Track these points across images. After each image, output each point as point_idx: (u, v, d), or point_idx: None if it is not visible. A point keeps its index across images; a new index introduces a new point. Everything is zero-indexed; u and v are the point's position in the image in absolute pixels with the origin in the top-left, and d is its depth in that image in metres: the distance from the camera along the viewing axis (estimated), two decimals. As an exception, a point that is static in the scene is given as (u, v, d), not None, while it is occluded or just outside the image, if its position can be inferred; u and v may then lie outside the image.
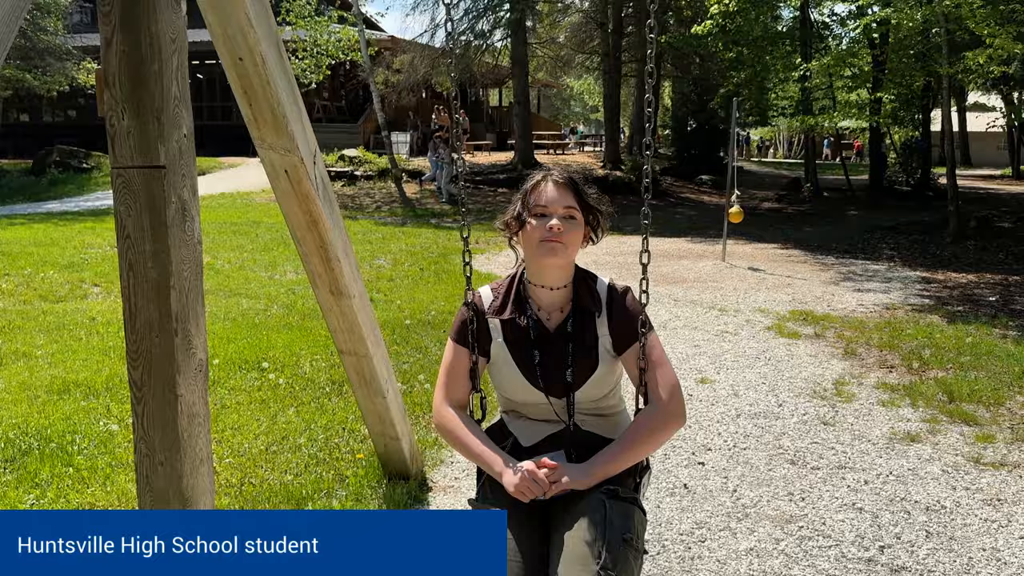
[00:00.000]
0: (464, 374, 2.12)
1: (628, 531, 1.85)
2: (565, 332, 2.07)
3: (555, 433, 2.08)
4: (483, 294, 2.16)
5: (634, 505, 1.96)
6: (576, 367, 2.04)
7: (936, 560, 3.13)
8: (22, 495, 3.53)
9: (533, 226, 2.01)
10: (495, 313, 2.09)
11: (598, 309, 2.08)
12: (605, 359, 2.06)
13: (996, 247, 12.30)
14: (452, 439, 2.10)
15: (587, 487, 1.93)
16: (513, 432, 2.14)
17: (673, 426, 2.06)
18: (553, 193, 2.04)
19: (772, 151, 48.95)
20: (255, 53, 2.30)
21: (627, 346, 2.07)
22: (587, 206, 2.08)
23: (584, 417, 2.09)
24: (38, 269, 9.19)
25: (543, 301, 2.10)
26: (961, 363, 5.83)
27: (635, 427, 2.04)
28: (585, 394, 2.06)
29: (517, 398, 2.11)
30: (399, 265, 10.40)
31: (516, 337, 2.08)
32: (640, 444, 2.02)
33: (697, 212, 19.02)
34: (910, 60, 16.23)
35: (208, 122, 25.66)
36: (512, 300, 2.09)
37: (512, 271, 2.17)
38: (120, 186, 1.78)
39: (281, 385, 5.16)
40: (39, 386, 5.05)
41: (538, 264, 2.05)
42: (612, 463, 1.98)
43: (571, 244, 2.02)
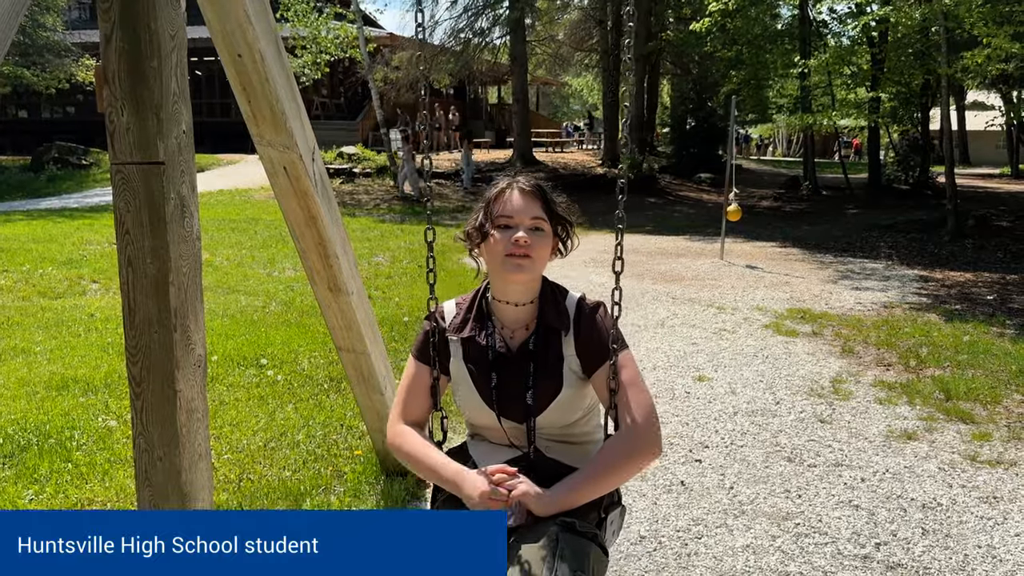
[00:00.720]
0: (423, 392, 1.98)
1: (581, 570, 1.64)
2: (527, 351, 1.90)
3: (515, 459, 1.89)
4: (446, 309, 2.01)
5: (592, 542, 1.75)
6: (537, 389, 1.87)
7: (932, 557, 3.14)
8: (21, 490, 3.54)
9: (497, 239, 1.84)
10: (455, 330, 1.95)
11: (565, 327, 1.90)
12: (571, 381, 1.88)
13: (994, 246, 12.32)
14: (406, 455, 1.95)
15: (543, 514, 1.75)
16: (472, 455, 1.99)
17: (646, 456, 1.84)
18: (519, 202, 1.86)
19: (771, 149, 48.94)
20: (254, 50, 2.31)
21: (597, 367, 1.88)
22: (556, 216, 1.91)
23: (549, 443, 1.91)
24: (37, 265, 9.19)
25: (506, 318, 1.93)
26: (958, 361, 5.84)
27: (603, 455, 1.83)
28: (548, 419, 1.88)
29: (476, 420, 1.97)
30: (397, 262, 10.40)
31: (475, 357, 1.92)
32: (607, 474, 1.81)
33: (695, 210, 19.03)
34: (909, 59, 16.24)
35: (207, 119, 25.64)
36: (474, 316, 1.94)
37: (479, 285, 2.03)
38: (119, 182, 1.79)
39: (279, 382, 5.17)
40: (38, 382, 5.06)
41: (503, 280, 1.89)
42: (572, 493, 1.78)
43: (539, 258, 1.86)
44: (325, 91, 27.72)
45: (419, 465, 1.93)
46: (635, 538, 3.28)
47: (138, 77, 1.74)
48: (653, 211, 18.48)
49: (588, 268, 10.12)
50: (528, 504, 1.75)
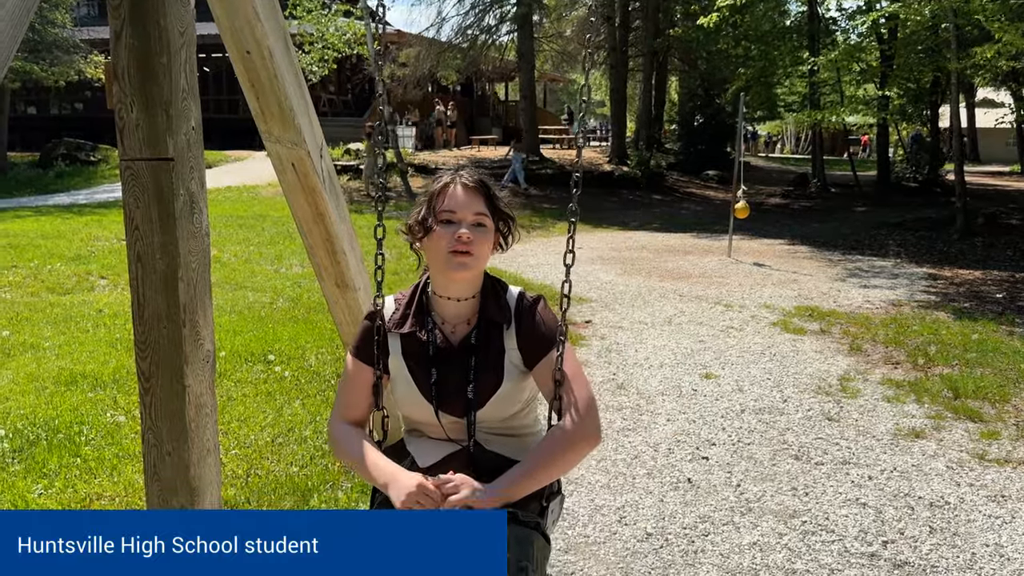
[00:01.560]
0: (361, 391, 1.97)
1: (525, 558, 1.70)
2: (469, 345, 1.90)
3: (454, 453, 1.91)
4: (386, 304, 2.00)
5: (535, 531, 1.80)
6: (479, 383, 1.87)
7: (939, 556, 3.13)
8: (30, 485, 3.56)
9: (439, 233, 1.85)
10: (395, 326, 1.93)
11: (506, 320, 1.91)
12: (512, 374, 1.89)
13: (1004, 244, 12.26)
14: (341, 454, 1.95)
15: (489, 506, 1.75)
16: (411, 452, 1.98)
17: (586, 445, 1.86)
18: (462, 197, 1.87)
19: (780, 146, 48.80)
20: (262, 46, 2.31)
21: (538, 359, 1.89)
22: (498, 212, 1.92)
23: (488, 436, 1.92)
24: (45, 261, 9.23)
25: (447, 313, 1.93)
26: (967, 360, 5.82)
27: (544, 446, 1.85)
28: (489, 412, 1.89)
29: (415, 417, 1.96)
30: (404, 259, 10.39)
31: (415, 352, 1.91)
32: (547, 464, 1.82)
33: (703, 208, 19.00)
34: (918, 56, 16.16)
35: (215, 115, 25.69)
36: (413, 312, 1.94)
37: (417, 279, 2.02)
38: (129, 178, 1.80)
39: (287, 378, 5.19)
40: (47, 377, 5.08)
41: (444, 276, 1.89)
42: (516, 485, 1.79)
43: (481, 255, 1.86)
44: (332, 88, 27.75)
45: (353, 464, 1.92)
46: (642, 535, 3.28)
47: (147, 73, 1.75)
48: (660, 208, 18.46)
49: (595, 265, 10.11)
50: (472, 504, 1.73)
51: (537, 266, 9.67)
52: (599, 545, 3.21)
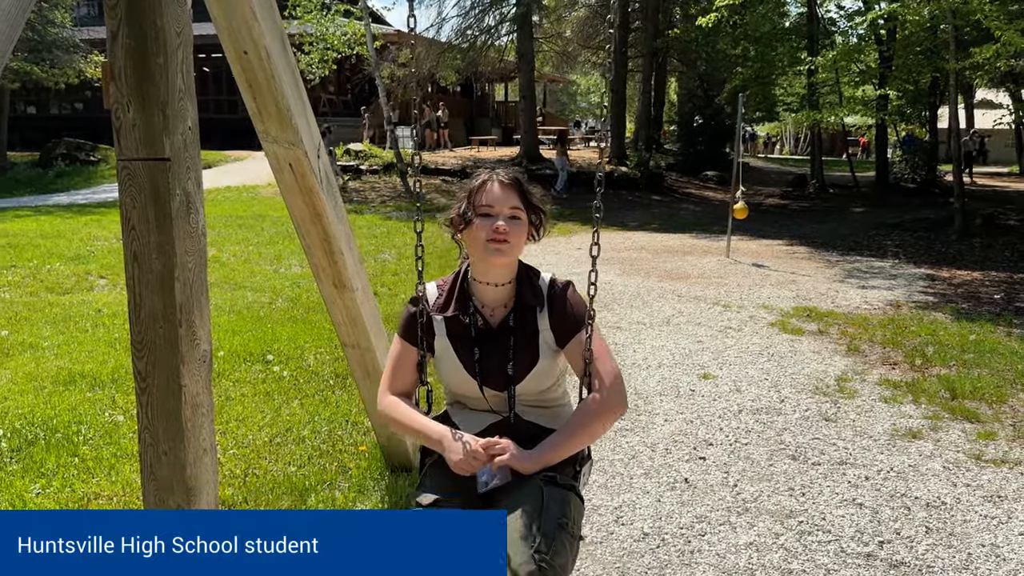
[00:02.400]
0: (409, 368, 2.17)
1: (564, 516, 1.89)
2: (507, 327, 2.11)
3: (496, 423, 2.12)
4: (428, 290, 2.20)
5: (571, 492, 2.00)
6: (516, 361, 2.09)
7: (935, 556, 3.14)
8: (28, 484, 3.56)
9: (478, 225, 2.05)
10: (439, 310, 2.14)
11: (540, 304, 2.12)
12: (546, 352, 2.10)
13: (1002, 245, 12.27)
14: (394, 420, 2.15)
15: (528, 472, 1.98)
16: (456, 422, 2.17)
17: (614, 413, 2.09)
18: (499, 193, 2.07)
19: (778, 147, 48.82)
20: (260, 46, 2.32)
21: (568, 339, 2.10)
22: (531, 206, 2.12)
23: (526, 408, 2.14)
24: (44, 261, 9.24)
25: (486, 298, 2.14)
26: (964, 360, 5.83)
27: (576, 416, 2.08)
28: (526, 387, 2.10)
29: (460, 391, 2.16)
30: (404, 259, 10.41)
31: (458, 333, 2.12)
32: (581, 432, 2.05)
33: (702, 208, 19.00)
34: (917, 57, 16.18)
35: (214, 116, 25.71)
36: (456, 297, 2.14)
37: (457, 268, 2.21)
38: (125, 178, 1.80)
39: (285, 378, 5.19)
40: (45, 377, 5.09)
41: (484, 263, 2.09)
42: (554, 450, 2.02)
43: (516, 244, 2.06)
44: (332, 88, 27.75)
45: (407, 428, 2.13)
46: (638, 535, 3.29)
47: (144, 73, 1.75)
48: (659, 208, 18.46)
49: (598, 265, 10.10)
50: (514, 466, 1.98)
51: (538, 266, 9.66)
52: (596, 545, 3.22)
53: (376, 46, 20.06)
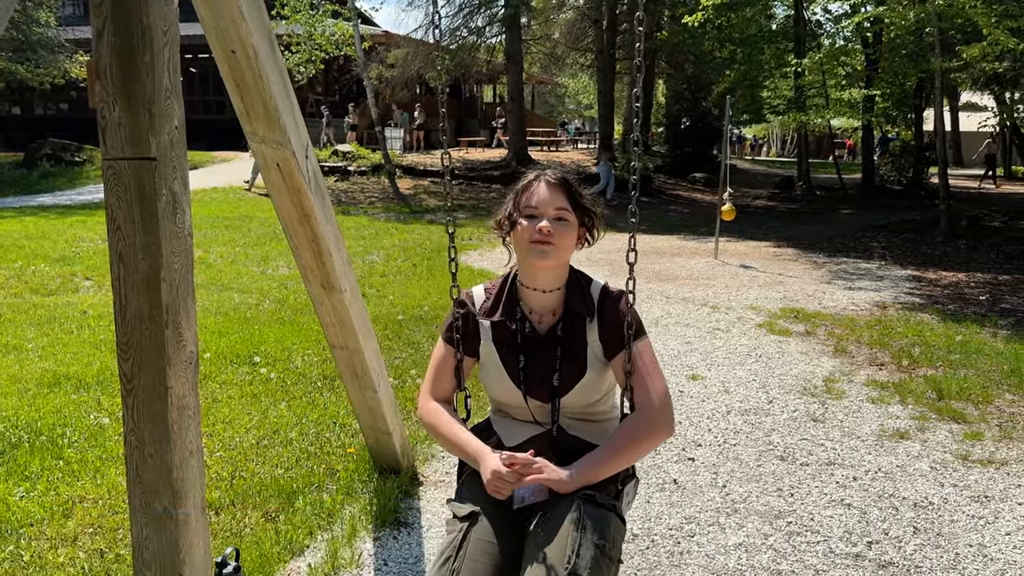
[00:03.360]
0: (451, 372, 2.11)
1: (602, 538, 1.79)
2: (555, 336, 2.03)
3: (538, 435, 2.04)
4: (475, 294, 2.13)
5: (612, 512, 1.90)
6: (563, 372, 2.00)
7: (923, 556, 3.15)
8: (12, 488, 3.52)
9: (523, 227, 1.97)
10: (486, 314, 2.07)
11: (590, 314, 2.03)
12: (594, 365, 2.02)
13: (987, 246, 12.36)
14: (434, 429, 2.09)
15: (567, 491, 1.88)
16: (497, 431, 2.11)
17: (660, 436, 2.00)
18: (545, 194, 1.99)
19: (765, 149, 49.03)
20: (247, 46, 2.30)
21: (617, 352, 2.01)
22: (580, 207, 2.03)
23: (570, 421, 2.05)
24: (29, 262, 9.16)
25: (535, 304, 2.06)
26: (951, 361, 5.86)
27: (620, 434, 1.98)
28: (572, 399, 2.02)
29: (503, 399, 2.09)
30: (392, 260, 10.39)
31: (505, 339, 2.05)
32: (624, 451, 1.96)
33: (690, 210, 19.06)
34: (903, 60, 16.28)
35: (202, 116, 25.59)
36: (503, 302, 2.06)
37: (507, 271, 2.14)
38: (111, 178, 1.78)
39: (272, 379, 5.16)
40: (29, 379, 5.04)
41: (529, 266, 2.01)
42: (594, 469, 1.92)
43: (562, 246, 1.98)
44: (320, 88, 27.66)
45: (446, 441, 2.05)
46: (628, 536, 3.28)
47: (130, 72, 1.73)
48: (648, 210, 18.49)
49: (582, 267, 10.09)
50: (551, 485, 1.88)
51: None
52: (585, 546, 3.21)
53: (364, 47, 20.01)
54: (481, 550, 1.83)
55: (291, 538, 3.15)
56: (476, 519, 1.90)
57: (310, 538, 3.20)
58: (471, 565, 1.79)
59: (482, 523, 1.89)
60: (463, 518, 1.92)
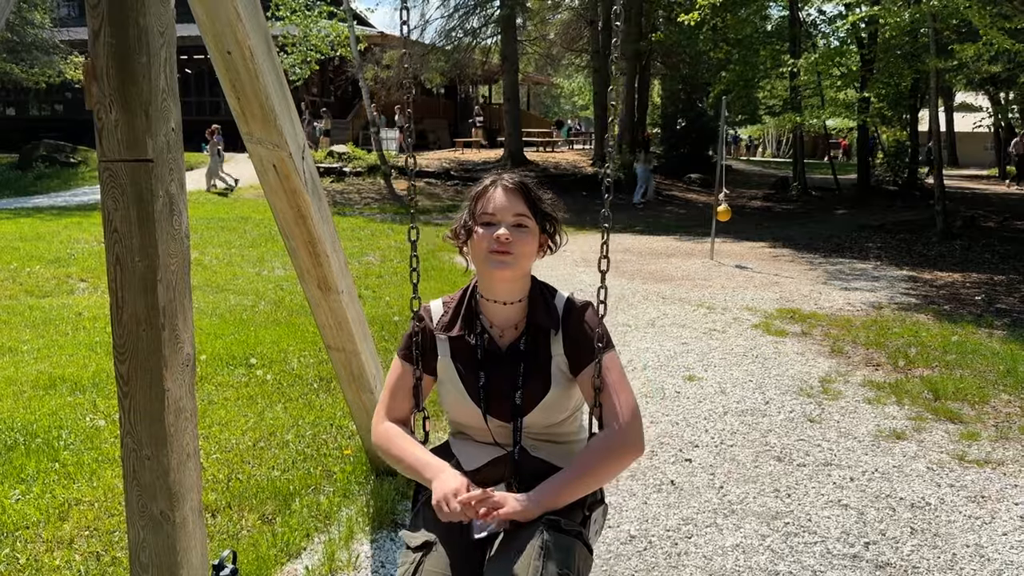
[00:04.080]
0: (408, 391, 1.98)
1: (566, 567, 1.66)
2: (517, 351, 1.89)
3: (499, 457, 1.90)
4: (433, 308, 2.01)
5: (578, 540, 1.76)
6: (526, 389, 1.86)
7: (920, 556, 3.15)
8: (7, 490, 3.51)
9: (480, 235, 1.85)
10: (443, 329, 1.94)
11: (554, 326, 1.90)
12: (559, 381, 1.87)
13: (982, 247, 12.39)
14: (388, 452, 1.94)
15: (530, 518, 1.74)
16: (456, 454, 1.97)
17: (629, 456, 1.85)
18: (502, 200, 1.86)
19: (761, 150, 49.11)
20: (244, 47, 2.29)
21: (583, 366, 1.87)
22: (540, 212, 1.90)
23: (534, 442, 1.91)
24: (24, 264, 9.13)
25: (496, 317, 1.93)
26: (947, 361, 5.87)
27: (587, 454, 1.83)
28: (535, 419, 1.87)
29: (461, 419, 1.95)
30: (388, 261, 10.38)
31: (464, 355, 1.91)
32: (591, 473, 1.81)
33: (685, 210, 19.07)
34: (898, 60, 16.33)
35: (196, 117, 25.51)
36: (462, 315, 1.93)
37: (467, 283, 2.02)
38: (108, 179, 1.77)
39: (269, 381, 5.15)
40: (25, 381, 5.02)
41: (488, 277, 1.88)
42: (559, 492, 1.78)
43: (522, 255, 1.85)
44: (315, 89, 27.63)
45: (401, 462, 1.91)
46: (625, 538, 3.28)
47: (127, 74, 1.72)
48: (643, 211, 18.51)
49: (579, 268, 10.13)
50: (513, 516, 1.74)
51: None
52: (583, 548, 3.21)
53: (360, 48, 20.00)
54: None
55: (288, 540, 3.14)
56: (430, 549, 1.78)
57: (307, 540, 3.19)
58: None
59: (436, 553, 1.77)
60: (416, 548, 1.79)
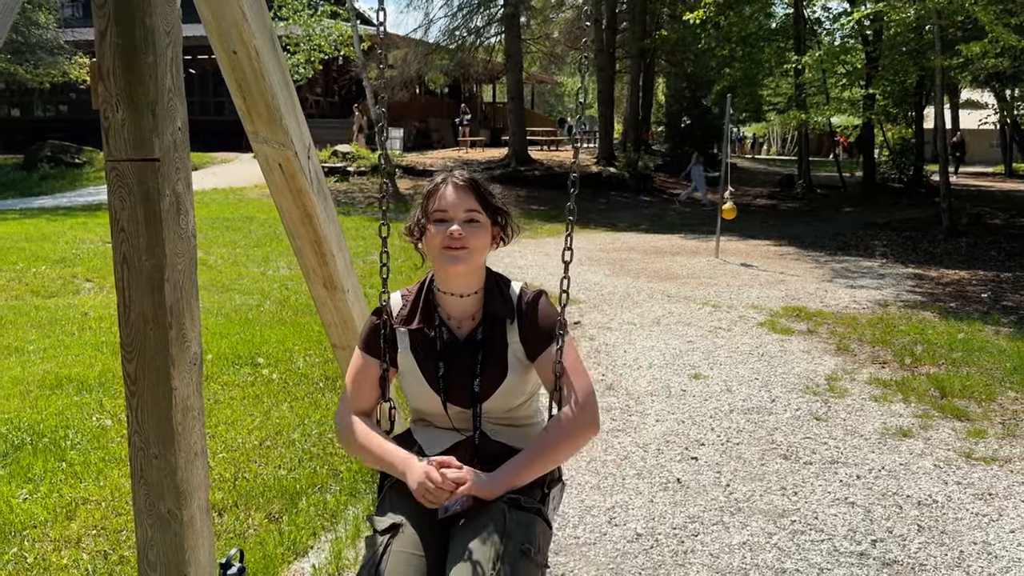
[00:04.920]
0: (370, 384, 2.04)
1: (527, 542, 1.76)
2: (475, 341, 1.97)
3: (460, 442, 1.98)
4: (392, 301, 2.07)
5: (538, 516, 1.87)
6: (484, 377, 1.95)
7: (928, 554, 3.14)
8: (15, 490, 3.52)
9: (433, 232, 1.93)
10: (402, 322, 2.01)
11: (510, 316, 1.98)
12: (516, 367, 1.96)
13: (988, 244, 12.35)
14: (351, 444, 2.01)
15: (492, 497, 1.83)
16: (418, 440, 2.04)
17: (585, 434, 1.94)
18: (453, 196, 1.93)
19: (765, 148, 49.02)
20: (249, 46, 2.29)
21: (539, 352, 1.95)
22: (491, 207, 1.97)
23: (493, 427, 2.00)
24: (30, 264, 9.15)
25: (453, 309, 2.01)
26: (953, 359, 5.85)
27: (545, 435, 1.93)
28: (494, 404, 1.96)
29: (422, 408, 2.03)
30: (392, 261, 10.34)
31: (423, 347, 1.99)
32: (549, 453, 1.90)
33: (690, 208, 19.04)
34: (903, 57, 16.28)
35: (201, 117, 25.54)
36: (420, 308, 2.00)
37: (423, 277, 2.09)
38: (114, 179, 1.77)
39: (275, 380, 5.16)
40: (31, 381, 5.04)
41: (443, 272, 1.97)
42: (519, 472, 1.88)
43: (476, 249, 1.92)
44: (319, 89, 27.66)
45: (366, 453, 1.99)
46: (631, 536, 3.28)
47: (133, 73, 1.72)
48: (648, 209, 18.49)
49: (584, 267, 10.11)
50: (476, 493, 1.83)
51: (526, 267, 9.65)
52: (589, 546, 3.21)
53: (363, 47, 20.00)
54: (403, 562, 1.78)
55: (295, 539, 3.15)
56: (397, 531, 1.84)
57: (314, 539, 3.20)
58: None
59: (404, 534, 1.83)
60: (383, 531, 1.84)
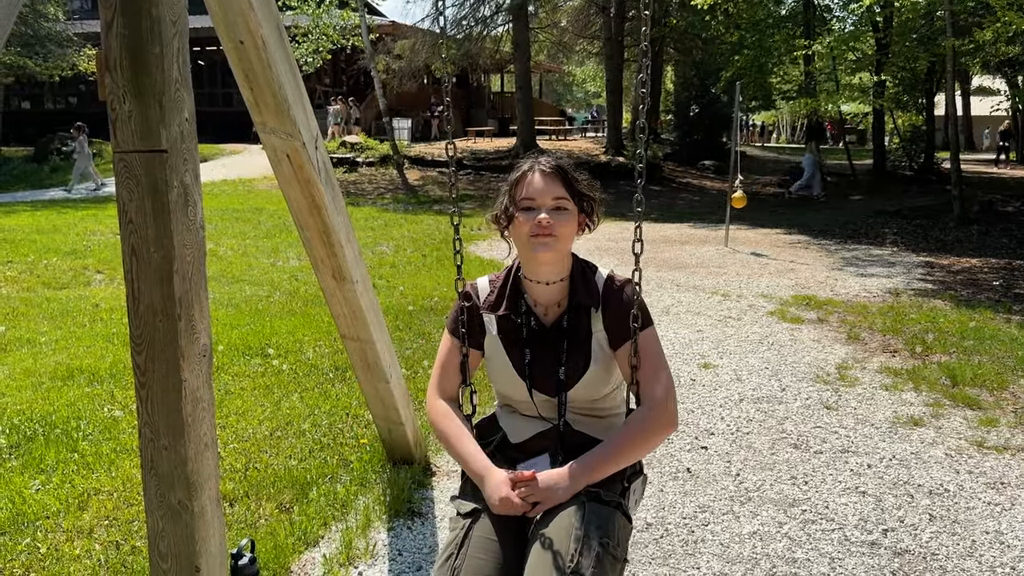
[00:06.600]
0: (457, 367, 2.07)
1: (607, 536, 1.74)
2: (560, 328, 1.98)
3: (544, 431, 2.00)
4: (479, 285, 2.09)
5: (617, 510, 1.85)
6: (569, 365, 1.95)
7: (939, 543, 3.13)
8: (28, 480, 3.55)
9: (521, 221, 1.91)
10: (490, 308, 2.02)
11: (595, 303, 1.97)
12: (599, 357, 1.96)
13: (1000, 231, 12.26)
14: (442, 435, 2.04)
15: (572, 492, 1.82)
16: (504, 427, 2.08)
17: (664, 431, 1.94)
18: (540, 184, 1.92)
19: (775, 136, 48.78)
20: (256, 36, 2.29)
21: (621, 342, 1.96)
22: (578, 193, 1.96)
23: (577, 416, 2.00)
24: (41, 256, 9.20)
25: (539, 296, 2.00)
26: (964, 347, 5.82)
27: (624, 430, 1.92)
28: (578, 393, 1.97)
29: (508, 393, 2.04)
30: (401, 251, 10.39)
31: (510, 333, 2.00)
32: (628, 448, 1.89)
33: (699, 197, 18.98)
34: (913, 44, 16.14)
35: (209, 108, 25.59)
36: (508, 295, 2.01)
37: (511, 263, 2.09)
38: (122, 171, 1.77)
39: (285, 371, 5.17)
40: (43, 372, 5.07)
41: (531, 260, 1.96)
42: (598, 466, 1.86)
43: (563, 236, 1.91)
44: (327, 79, 27.64)
45: (451, 450, 2.01)
46: (642, 525, 3.27)
47: (140, 64, 1.72)
48: (657, 198, 18.43)
49: (592, 256, 10.08)
50: (556, 500, 1.81)
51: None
52: (599, 536, 3.21)
53: (371, 37, 19.97)
54: (482, 548, 1.80)
55: (305, 529, 3.16)
56: (478, 516, 1.86)
57: (324, 529, 3.21)
58: (472, 563, 1.76)
59: (484, 521, 1.85)
60: (466, 515, 1.88)
